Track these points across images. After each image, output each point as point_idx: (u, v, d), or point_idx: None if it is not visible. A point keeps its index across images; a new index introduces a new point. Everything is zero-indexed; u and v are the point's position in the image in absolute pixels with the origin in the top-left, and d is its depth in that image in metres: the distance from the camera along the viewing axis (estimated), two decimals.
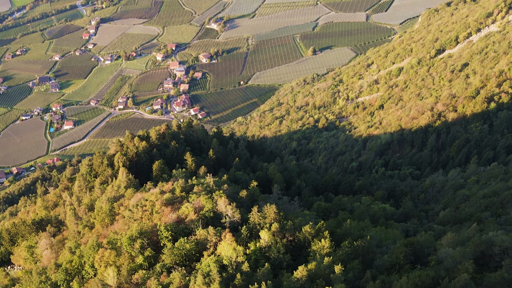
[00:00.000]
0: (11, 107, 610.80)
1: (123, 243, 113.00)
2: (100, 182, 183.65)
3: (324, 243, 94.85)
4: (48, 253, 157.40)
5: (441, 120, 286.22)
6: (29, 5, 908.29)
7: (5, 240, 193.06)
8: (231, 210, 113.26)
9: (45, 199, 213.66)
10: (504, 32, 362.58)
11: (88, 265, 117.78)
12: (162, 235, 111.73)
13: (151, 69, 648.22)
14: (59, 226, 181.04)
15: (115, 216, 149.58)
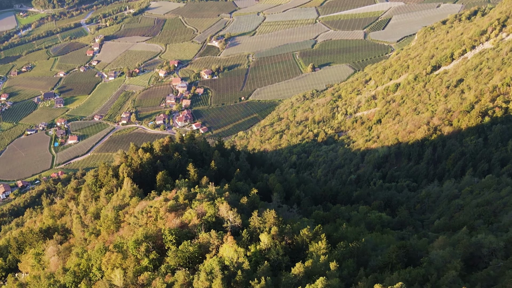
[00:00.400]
0: (16, 122, 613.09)
1: (129, 247, 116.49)
2: (106, 192, 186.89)
3: (321, 244, 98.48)
4: (55, 259, 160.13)
5: (437, 134, 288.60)
6: (35, 23, 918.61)
7: (13, 248, 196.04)
8: (232, 215, 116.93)
9: (51, 208, 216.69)
10: (497, 49, 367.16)
11: (95, 267, 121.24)
12: (166, 238, 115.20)
13: (153, 85, 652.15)
14: (65, 234, 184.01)
15: (120, 223, 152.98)
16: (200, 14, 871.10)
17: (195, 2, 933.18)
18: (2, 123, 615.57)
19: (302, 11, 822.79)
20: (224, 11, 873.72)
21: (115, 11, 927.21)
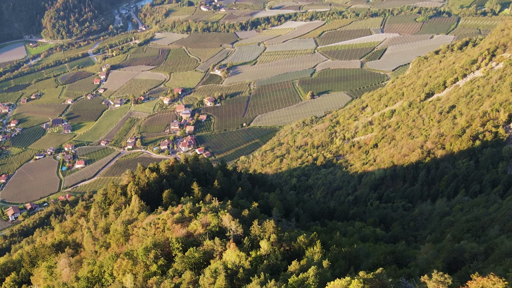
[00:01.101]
0: (25, 147, 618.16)
1: (139, 254, 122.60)
2: (114, 209, 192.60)
3: (316, 248, 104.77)
4: (67, 271, 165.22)
5: (431, 157, 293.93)
6: (44, 53, 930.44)
7: (25, 262, 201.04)
8: (234, 225, 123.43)
9: (62, 225, 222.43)
10: (487, 77, 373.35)
11: (107, 273, 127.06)
12: (173, 246, 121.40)
13: (158, 112, 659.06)
14: (76, 248, 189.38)
15: (129, 236, 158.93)
16: (203, 45, 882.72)
17: (198, 33, 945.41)
18: (11, 148, 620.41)
19: (301, 42, 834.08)
20: (226, 42, 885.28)
21: (121, 42, 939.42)
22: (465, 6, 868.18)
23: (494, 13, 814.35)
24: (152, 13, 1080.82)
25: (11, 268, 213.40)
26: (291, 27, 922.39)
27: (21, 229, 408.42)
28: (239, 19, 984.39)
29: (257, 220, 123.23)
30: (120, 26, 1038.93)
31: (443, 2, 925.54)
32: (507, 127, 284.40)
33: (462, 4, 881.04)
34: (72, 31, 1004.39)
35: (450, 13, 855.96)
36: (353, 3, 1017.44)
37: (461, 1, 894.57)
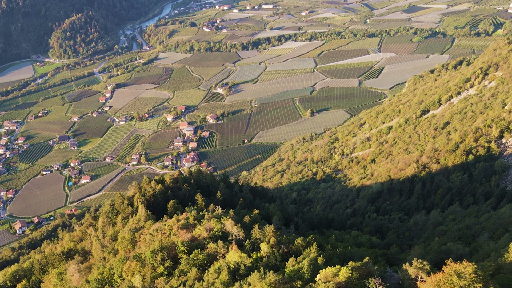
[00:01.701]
0: (32, 163, 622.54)
1: (147, 256, 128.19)
2: (122, 218, 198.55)
3: (312, 249, 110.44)
4: (76, 276, 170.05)
5: (426, 171, 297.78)
6: (51, 73, 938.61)
7: (36, 269, 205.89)
8: (236, 230, 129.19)
9: (71, 234, 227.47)
10: (480, 95, 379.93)
11: (117, 275, 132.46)
12: (179, 249, 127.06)
13: (162, 129, 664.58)
14: (85, 256, 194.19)
15: (136, 243, 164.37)
16: (205, 64, 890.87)
17: (201, 53, 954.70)
18: (19, 164, 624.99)
19: (301, 61, 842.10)
20: (228, 61, 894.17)
21: (126, 61, 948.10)
22: (460, 27, 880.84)
23: (487, 33, 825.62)
24: (156, 33, 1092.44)
25: (22, 275, 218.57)
26: (291, 47, 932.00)
27: (29, 242, 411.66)
28: (241, 39, 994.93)
29: (258, 224, 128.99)
30: (125, 46, 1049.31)
31: (438, 23, 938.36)
32: (499, 142, 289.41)
33: (456, 25, 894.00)
34: (78, 51, 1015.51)
35: (445, 34, 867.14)
36: (351, 24, 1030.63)
37: (455, 22, 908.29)
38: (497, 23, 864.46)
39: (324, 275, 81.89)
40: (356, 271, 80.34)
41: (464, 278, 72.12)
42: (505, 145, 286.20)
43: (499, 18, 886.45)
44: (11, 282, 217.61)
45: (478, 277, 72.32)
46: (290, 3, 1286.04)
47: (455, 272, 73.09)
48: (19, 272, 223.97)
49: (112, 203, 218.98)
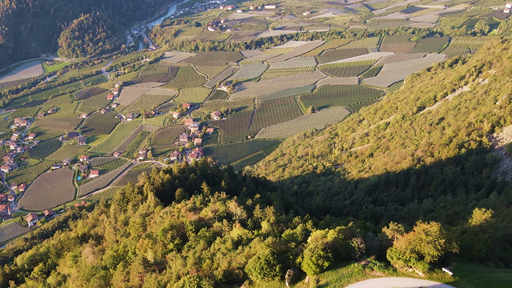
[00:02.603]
0: (43, 159, 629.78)
1: (158, 234, 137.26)
2: (132, 205, 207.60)
3: (307, 225, 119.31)
4: (91, 258, 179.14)
5: (421, 164, 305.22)
6: (60, 71, 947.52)
7: (52, 253, 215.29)
8: (239, 210, 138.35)
9: (84, 221, 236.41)
10: (474, 92, 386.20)
11: (130, 252, 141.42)
12: (187, 228, 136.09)
13: (168, 125, 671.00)
14: (98, 240, 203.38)
15: (146, 227, 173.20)
16: (210, 63, 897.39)
17: (205, 52, 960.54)
18: (29, 159, 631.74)
19: (303, 60, 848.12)
20: (232, 60, 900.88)
21: (133, 60, 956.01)
22: (456, 27, 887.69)
23: (483, 33, 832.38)
24: (162, 33, 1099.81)
25: (38, 259, 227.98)
26: (293, 46, 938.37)
27: (41, 232, 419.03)
28: (244, 38, 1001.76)
29: (259, 204, 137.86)
30: (132, 46, 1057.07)
31: (436, 23, 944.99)
32: (490, 137, 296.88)
33: (453, 25, 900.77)
34: (86, 50, 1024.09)
35: (442, 33, 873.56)
36: (351, 24, 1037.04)
37: (452, 22, 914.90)
38: (492, 23, 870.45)
39: (314, 236, 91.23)
40: (342, 233, 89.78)
41: (430, 235, 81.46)
42: (496, 139, 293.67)
43: (494, 18, 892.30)
44: (28, 265, 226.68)
45: (442, 234, 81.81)
46: (292, 4, 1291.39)
47: (424, 231, 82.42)
48: (36, 257, 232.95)
49: (123, 192, 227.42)
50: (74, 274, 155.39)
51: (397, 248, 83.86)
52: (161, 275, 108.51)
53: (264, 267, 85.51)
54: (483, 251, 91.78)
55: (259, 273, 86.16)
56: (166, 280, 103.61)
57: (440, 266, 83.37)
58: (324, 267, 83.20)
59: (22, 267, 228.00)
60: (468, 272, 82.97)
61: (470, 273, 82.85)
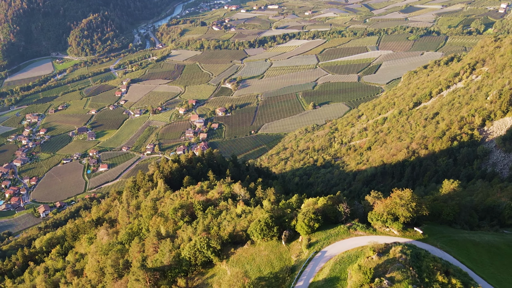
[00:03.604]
0: (54, 153, 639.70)
1: (169, 213, 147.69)
2: (143, 192, 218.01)
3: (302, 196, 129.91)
4: (106, 238, 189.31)
5: (415, 156, 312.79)
6: (69, 69, 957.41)
7: (68, 236, 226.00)
8: (243, 191, 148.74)
9: (98, 207, 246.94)
10: (467, 88, 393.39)
11: (144, 229, 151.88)
12: (196, 207, 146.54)
13: (174, 121, 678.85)
14: (112, 224, 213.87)
15: (157, 209, 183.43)
16: (215, 61, 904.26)
17: (210, 51, 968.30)
18: (41, 154, 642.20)
19: (304, 58, 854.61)
20: (236, 58, 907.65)
21: (140, 58, 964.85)
22: (453, 26, 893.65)
23: (478, 32, 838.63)
24: (168, 32, 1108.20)
25: (56, 242, 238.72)
26: (295, 45, 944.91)
27: (54, 222, 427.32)
28: (248, 37, 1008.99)
29: (260, 186, 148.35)
30: (139, 44, 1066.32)
31: (433, 22, 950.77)
32: (481, 130, 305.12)
33: (450, 24, 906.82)
34: (95, 48, 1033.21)
35: (439, 33, 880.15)
36: (351, 23, 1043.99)
37: (449, 22, 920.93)
38: (488, 22, 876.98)
39: (306, 203, 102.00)
40: (330, 200, 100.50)
41: (403, 200, 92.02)
42: (487, 132, 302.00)
43: (490, 17, 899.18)
44: (46, 247, 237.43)
45: (413, 199, 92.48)
46: (295, 4, 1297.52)
47: (398, 196, 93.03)
48: (53, 240, 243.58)
49: (134, 180, 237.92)
50: (93, 250, 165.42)
51: (376, 211, 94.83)
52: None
53: (263, 229, 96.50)
54: (451, 215, 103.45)
55: (259, 234, 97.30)
56: (179, 243, 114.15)
57: (413, 226, 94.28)
58: (314, 228, 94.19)
59: (40, 250, 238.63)
60: (436, 232, 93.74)
61: (438, 232, 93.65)
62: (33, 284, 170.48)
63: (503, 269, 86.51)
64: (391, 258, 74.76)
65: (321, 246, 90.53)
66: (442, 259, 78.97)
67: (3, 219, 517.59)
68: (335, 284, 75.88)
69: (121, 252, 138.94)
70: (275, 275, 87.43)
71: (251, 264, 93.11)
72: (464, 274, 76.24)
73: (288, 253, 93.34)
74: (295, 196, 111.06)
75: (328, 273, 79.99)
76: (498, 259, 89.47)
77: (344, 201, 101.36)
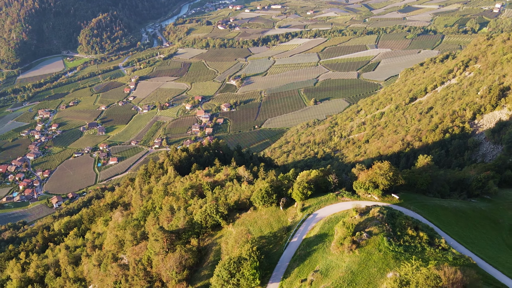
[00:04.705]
0: (65, 147, 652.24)
1: (180, 192, 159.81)
2: (155, 178, 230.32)
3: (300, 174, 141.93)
4: (121, 219, 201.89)
5: (410, 148, 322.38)
6: (80, 66, 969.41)
7: (84, 219, 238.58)
8: (247, 173, 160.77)
9: (112, 193, 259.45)
10: (460, 84, 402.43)
11: (157, 207, 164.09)
12: (204, 187, 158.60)
13: (181, 116, 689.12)
14: (126, 207, 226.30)
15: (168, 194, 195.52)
16: (220, 59, 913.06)
17: (215, 49, 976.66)
18: (53, 148, 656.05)
19: (306, 56, 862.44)
20: (240, 56, 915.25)
21: (148, 56, 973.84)
22: (449, 25, 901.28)
23: (473, 31, 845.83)
24: (175, 31, 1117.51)
25: (73, 225, 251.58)
26: (297, 43, 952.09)
27: (68, 211, 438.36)
28: (252, 36, 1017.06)
29: (262, 167, 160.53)
30: (147, 43, 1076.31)
31: (430, 21, 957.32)
32: (471, 123, 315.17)
33: (446, 23, 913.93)
34: (104, 47, 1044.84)
35: (435, 31, 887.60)
36: (351, 22, 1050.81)
37: (445, 21, 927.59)
38: (482, 21, 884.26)
39: (301, 175, 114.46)
40: (322, 172, 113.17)
41: (382, 170, 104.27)
42: (477, 125, 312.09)
43: (484, 17, 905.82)
44: (64, 230, 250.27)
45: (391, 169, 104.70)
46: (297, 4, 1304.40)
47: (378, 167, 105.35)
48: (71, 223, 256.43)
49: (146, 167, 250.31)
50: (111, 226, 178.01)
51: (360, 180, 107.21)
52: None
53: (264, 196, 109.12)
54: (424, 185, 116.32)
55: (260, 201, 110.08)
56: (191, 210, 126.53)
57: (391, 193, 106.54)
58: (308, 195, 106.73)
59: (59, 232, 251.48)
60: (411, 198, 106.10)
61: (412, 199, 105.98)
62: (56, 259, 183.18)
63: (466, 228, 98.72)
64: (370, 217, 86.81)
65: (313, 210, 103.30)
66: (413, 218, 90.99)
67: (18, 209, 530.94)
68: (324, 239, 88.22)
69: (137, 227, 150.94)
70: (273, 234, 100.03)
71: (254, 226, 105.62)
72: (431, 230, 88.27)
73: (285, 216, 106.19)
74: (292, 170, 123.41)
75: (318, 231, 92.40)
76: (463, 221, 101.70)
77: (333, 173, 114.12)
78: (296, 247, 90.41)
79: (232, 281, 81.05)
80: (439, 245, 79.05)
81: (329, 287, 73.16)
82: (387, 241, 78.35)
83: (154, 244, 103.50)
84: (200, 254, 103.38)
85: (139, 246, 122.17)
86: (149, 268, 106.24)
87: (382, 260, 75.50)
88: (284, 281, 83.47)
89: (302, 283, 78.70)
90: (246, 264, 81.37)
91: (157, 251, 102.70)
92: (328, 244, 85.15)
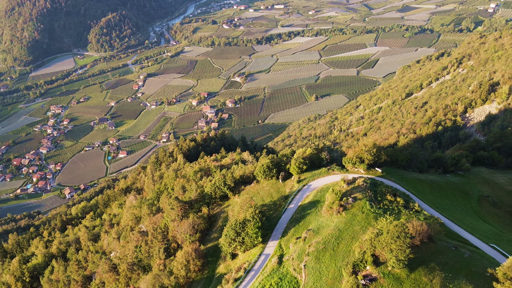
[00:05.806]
0: (76, 141, 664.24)
1: (190, 175, 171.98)
2: (165, 165, 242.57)
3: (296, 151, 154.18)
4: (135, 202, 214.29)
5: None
6: (90, 64, 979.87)
7: (100, 204, 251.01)
8: (251, 158, 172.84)
9: (125, 180, 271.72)
10: (454, 80, 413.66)
11: (170, 188, 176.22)
12: (212, 170, 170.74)
13: (188, 112, 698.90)
14: (139, 192, 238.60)
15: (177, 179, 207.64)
16: (225, 56, 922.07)
17: (221, 47, 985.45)
18: (65, 142, 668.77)
19: (308, 54, 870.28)
20: (245, 54, 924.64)
21: (156, 54, 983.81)
22: (445, 24, 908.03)
23: (469, 30, 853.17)
24: (181, 30, 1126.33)
25: (89, 209, 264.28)
26: (299, 41, 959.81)
27: (81, 200, 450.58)
28: (256, 35, 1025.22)
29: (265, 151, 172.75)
30: (155, 41, 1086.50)
31: (427, 21, 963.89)
32: (463, 116, 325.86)
33: (442, 22, 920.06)
34: (113, 45, 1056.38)
35: (432, 30, 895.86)
36: (351, 21, 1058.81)
37: (442, 20, 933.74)
38: (477, 21, 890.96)
39: (297, 152, 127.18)
40: (315, 149, 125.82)
41: (367, 147, 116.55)
42: (468, 118, 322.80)
43: (480, 16, 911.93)
44: (81, 214, 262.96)
45: (375, 146, 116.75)
46: (299, 3, 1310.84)
47: (363, 144, 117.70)
48: (86, 209, 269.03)
49: (157, 156, 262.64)
50: (127, 205, 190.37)
51: (348, 156, 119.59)
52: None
53: (265, 170, 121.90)
54: (404, 161, 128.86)
55: (262, 175, 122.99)
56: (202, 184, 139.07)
57: (375, 167, 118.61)
58: (303, 169, 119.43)
59: (76, 215, 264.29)
60: (392, 172, 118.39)
61: (393, 172, 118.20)
62: (77, 237, 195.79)
63: (439, 197, 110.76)
64: (356, 186, 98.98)
65: (307, 182, 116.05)
66: (393, 187, 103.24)
67: (32, 200, 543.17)
68: (316, 205, 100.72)
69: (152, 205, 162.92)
70: (274, 202, 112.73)
71: (256, 195, 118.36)
72: (407, 196, 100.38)
73: (283, 188, 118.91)
74: (290, 149, 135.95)
75: (311, 198, 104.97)
76: (437, 191, 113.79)
77: (325, 150, 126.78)
78: (292, 211, 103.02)
79: (238, 239, 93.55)
80: (413, 208, 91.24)
81: (319, 242, 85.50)
82: (369, 204, 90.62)
83: (170, 212, 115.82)
84: (210, 220, 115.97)
85: (156, 217, 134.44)
86: (165, 233, 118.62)
87: (365, 220, 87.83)
88: (282, 239, 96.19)
89: (297, 240, 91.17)
90: (250, 224, 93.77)
91: (173, 218, 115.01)
92: (320, 208, 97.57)
